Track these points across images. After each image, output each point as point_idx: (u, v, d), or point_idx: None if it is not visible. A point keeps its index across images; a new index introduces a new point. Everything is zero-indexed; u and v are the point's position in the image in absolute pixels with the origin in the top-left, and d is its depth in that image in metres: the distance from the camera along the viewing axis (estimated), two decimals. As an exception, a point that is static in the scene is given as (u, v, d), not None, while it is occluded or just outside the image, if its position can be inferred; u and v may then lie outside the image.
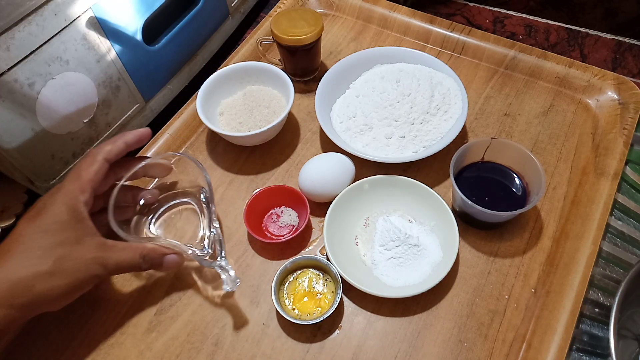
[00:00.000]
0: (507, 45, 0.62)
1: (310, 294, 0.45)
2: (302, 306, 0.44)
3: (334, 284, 0.45)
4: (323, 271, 0.46)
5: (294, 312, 0.44)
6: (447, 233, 0.46)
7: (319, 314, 0.43)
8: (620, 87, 0.56)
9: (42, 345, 0.46)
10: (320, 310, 0.44)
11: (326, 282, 0.45)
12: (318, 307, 0.44)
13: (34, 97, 0.46)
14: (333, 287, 0.45)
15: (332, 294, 0.44)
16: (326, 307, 0.43)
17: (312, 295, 0.45)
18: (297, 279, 0.46)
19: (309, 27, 0.56)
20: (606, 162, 0.51)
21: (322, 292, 0.45)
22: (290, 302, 0.44)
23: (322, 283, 0.45)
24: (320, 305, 0.44)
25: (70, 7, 0.46)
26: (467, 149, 0.48)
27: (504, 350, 0.42)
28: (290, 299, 0.45)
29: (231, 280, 0.43)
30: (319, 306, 0.44)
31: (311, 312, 0.44)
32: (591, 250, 0.46)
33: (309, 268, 0.46)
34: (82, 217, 0.38)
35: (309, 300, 0.44)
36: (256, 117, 0.56)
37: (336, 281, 0.44)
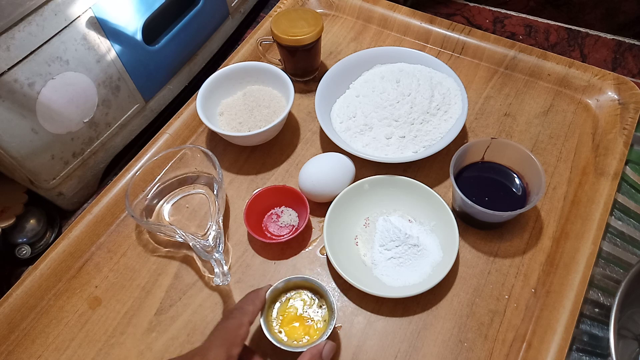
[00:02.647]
0: (507, 45, 0.62)
1: (300, 319, 0.41)
2: (290, 330, 0.41)
3: (328, 313, 0.41)
4: (319, 296, 0.42)
5: (281, 335, 0.41)
6: (447, 233, 0.46)
7: (305, 343, 0.40)
8: (620, 87, 0.56)
9: (42, 345, 0.46)
10: (309, 339, 0.40)
11: (320, 308, 0.42)
12: (307, 336, 0.40)
13: (34, 97, 0.46)
14: (327, 316, 0.41)
15: (324, 323, 0.41)
16: (315, 336, 0.40)
17: (303, 321, 0.41)
18: (290, 300, 0.42)
19: (309, 27, 0.56)
20: (606, 162, 0.51)
21: (313, 320, 0.41)
22: (278, 324, 0.41)
23: (316, 309, 0.42)
24: (309, 333, 0.40)
25: (70, 7, 0.46)
26: (467, 149, 0.48)
27: (504, 350, 0.42)
28: (278, 320, 0.41)
29: (223, 274, 0.44)
30: (308, 334, 0.40)
31: (298, 338, 0.40)
32: (591, 250, 0.46)
33: (305, 290, 0.43)
34: None
35: (299, 325, 0.41)
36: (256, 117, 0.56)
37: (331, 310, 0.41)
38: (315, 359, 0.36)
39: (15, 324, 0.47)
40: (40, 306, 0.48)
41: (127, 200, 0.48)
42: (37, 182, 0.51)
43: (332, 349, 0.38)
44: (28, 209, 0.53)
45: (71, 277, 0.49)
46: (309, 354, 0.36)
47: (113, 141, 0.57)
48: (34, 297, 0.48)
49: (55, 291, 0.49)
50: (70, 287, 0.49)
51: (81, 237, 0.51)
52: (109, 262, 0.50)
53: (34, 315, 0.47)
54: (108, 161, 0.59)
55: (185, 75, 0.65)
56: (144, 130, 0.61)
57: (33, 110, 0.47)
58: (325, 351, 0.37)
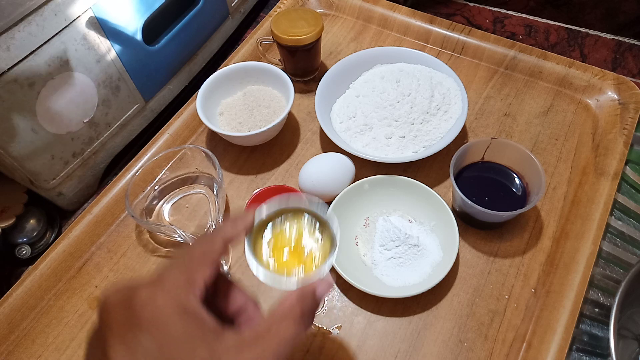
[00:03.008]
0: (507, 45, 0.62)
1: (296, 248, 0.33)
2: (281, 259, 0.32)
3: (328, 243, 0.33)
4: (321, 224, 0.34)
5: (269, 262, 0.32)
6: (447, 233, 0.46)
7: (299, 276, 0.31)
8: (620, 87, 0.56)
9: (42, 345, 0.46)
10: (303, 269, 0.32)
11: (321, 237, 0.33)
12: (301, 265, 0.32)
13: (34, 97, 0.46)
14: (327, 246, 0.33)
15: (322, 254, 0.32)
16: (311, 268, 0.32)
17: (298, 251, 0.33)
18: (286, 222, 0.34)
19: (309, 27, 0.56)
20: (606, 162, 0.51)
21: (311, 250, 0.33)
22: (268, 249, 0.32)
23: (315, 239, 0.33)
24: (305, 263, 0.32)
25: (70, 7, 0.46)
26: (467, 149, 0.48)
27: (504, 350, 0.42)
28: (269, 245, 0.33)
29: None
30: (304, 263, 0.32)
31: (290, 269, 0.32)
32: (591, 250, 0.46)
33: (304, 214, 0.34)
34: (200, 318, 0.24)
35: (292, 254, 0.33)
36: (256, 117, 0.56)
37: (332, 241, 0.32)
38: (306, 299, 0.27)
39: (15, 324, 0.47)
40: (40, 306, 0.48)
41: (127, 200, 0.48)
42: (37, 182, 0.51)
43: (327, 287, 0.29)
44: (28, 209, 0.53)
45: (71, 277, 0.49)
46: (299, 293, 0.27)
47: (113, 141, 0.57)
48: (34, 297, 0.48)
49: (55, 291, 0.49)
50: (70, 287, 0.49)
51: (81, 237, 0.51)
52: (109, 262, 0.50)
53: (34, 315, 0.47)
54: (108, 161, 0.59)
55: (185, 75, 0.65)
56: (144, 130, 0.61)
57: (33, 110, 0.46)
58: (320, 290, 0.28)
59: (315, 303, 0.28)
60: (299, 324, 0.26)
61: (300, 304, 0.27)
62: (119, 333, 0.23)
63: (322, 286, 0.28)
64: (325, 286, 0.29)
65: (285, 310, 0.26)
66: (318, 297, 0.28)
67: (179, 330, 0.23)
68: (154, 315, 0.23)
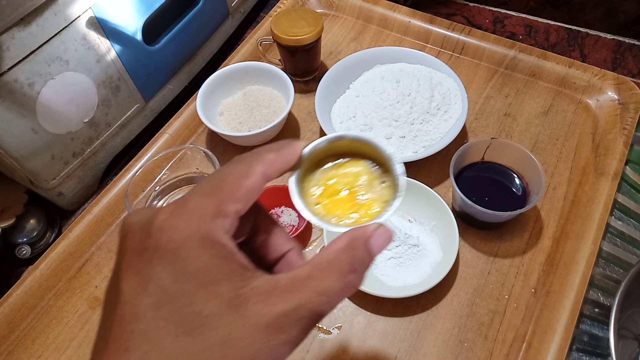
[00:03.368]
0: (507, 45, 0.62)
1: (351, 194, 0.27)
2: (332, 204, 0.27)
3: (390, 191, 0.27)
4: (383, 168, 0.28)
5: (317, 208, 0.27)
6: (447, 233, 0.46)
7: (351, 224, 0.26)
8: (620, 87, 0.56)
9: (42, 345, 0.46)
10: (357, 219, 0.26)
11: (381, 185, 0.27)
12: (355, 214, 0.27)
13: (34, 97, 0.46)
14: (388, 195, 0.27)
15: (382, 204, 0.27)
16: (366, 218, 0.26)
17: (353, 197, 0.27)
18: (342, 167, 0.28)
19: (309, 27, 0.56)
20: (606, 162, 0.51)
21: (369, 198, 0.27)
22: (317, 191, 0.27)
23: (376, 186, 0.27)
24: (359, 212, 0.27)
25: (70, 7, 0.46)
26: (467, 149, 0.48)
27: (504, 350, 0.42)
28: (320, 187, 0.28)
29: None
30: (357, 212, 0.27)
31: (341, 216, 0.27)
32: (591, 250, 0.46)
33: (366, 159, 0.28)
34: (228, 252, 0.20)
35: (344, 200, 0.27)
36: (256, 117, 0.56)
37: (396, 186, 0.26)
38: (357, 248, 0.22)
39: (16, 324, 0.47)
40: (40, 306, 0.48)
41: (127, 200, 0.48)
42: (37, 182, 0.51)
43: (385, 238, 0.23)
44: (28, 209, 0.53)
45: (71, 277, 0.49)
46: (349, 238, 0.22)
47: (113, 141, 0.57)
48: (34, 297, 0.48)
49: (55, 291, 0.49)
50: (70, 287, 0.49)
51: (81, 237, 0.51)
52: (109, 262, 0.50)
53: (34, 315, 0.47)
54: (108, 161, 0.59)
55: (185, 75, 0.65)
56: (144, 130, 0.61)
57: (33, 110, 0.46)
58: (375, 240, 0.22)
59: (368, 255, 0.22)
60: (345, 277, 0.20)
61: (349, 253, 0.21)
62: (133, 261, 0.20)
63: (378, 235, 0.22)
64: (383, 236, 0.23)
65: (331, 258, 0.21)
66: (372, 248, 0.22)
67: (200, 262, 0.19)
68: (172, 243, 0.19)
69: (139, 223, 0.20)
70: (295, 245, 0.25)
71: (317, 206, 0.27)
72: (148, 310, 0.18)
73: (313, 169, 0.27)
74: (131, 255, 0.20)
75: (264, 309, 0.19)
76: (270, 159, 0.23)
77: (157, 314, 0.18)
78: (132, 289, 0.19)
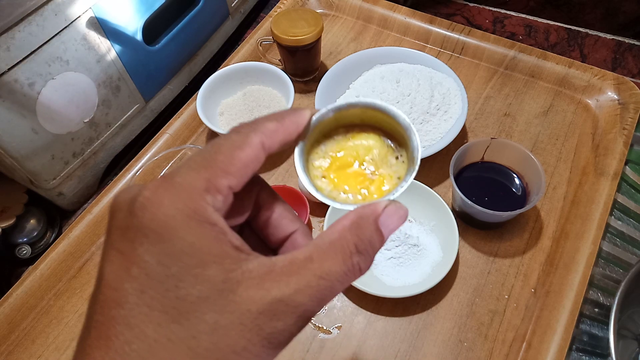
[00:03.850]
0: (507, 45, 0.62)
1: (361, 168, 0.24)
2: (339, 177, 0.24)
3: (405, 166, 0.24)
4: (397, 143, 0.24)
5: (322, 182, 0.24)
6: (447, 233, 0.46)
7: (359, 200, 0.23)
8: (620, 87, 0.56)
9: (42, 345, 0.46)
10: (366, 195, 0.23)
11: (397, 160, 0.24)
12: (364, 190, 0.23)
13: (34, 97, 0.46)
14: (402, 171, 0.24)
15: (396, 181, 0.24)
16: (377, 194, 0.23)
17: (363, 171, 0.24)
18: (354, 139, 0.24)
19: (309, 28, 0.56)
20: (606, 162, 0.51)
21: (381, 174, 0.24)
22: (324, 164, 0.24)
23: (389, 160, 0.24)
24: (369, 189, 0.23)
25: (71, 7, 0.46)
26: (467, 149, 0.48)
27: (504, 350, 0.42)
28: (326, 160, 0.24)
29: None
30: (367, 188, 0.23)
31: (349, 192, 0.23)
32: (591, 250, 0.46)
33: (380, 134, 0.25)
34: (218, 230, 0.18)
35: (354, 175, 0.24)
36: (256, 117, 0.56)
37: (412, 161, 0.23)
38: (365, 228, 0.19)
39: (16, 324, 0.47)
40: (40, 306, 0.48)
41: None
42: (38, 182, 0.51)
43: (398, 217, 0.20)
44: (28, 209, 0.53)
45: (71, 277, 0.49)
46: (355, 216, 0.19)
47: (113, 141, 0.57)
48: (34, 297, 0.48)
49: (56, 291, 0.49)
50: (70, 287, 0.49)
51: (81, 237, 0.51)
52: (109, 262, 0.50)
53: (34, 315, 0.47)
54: (108, 161, 0.59)
55: (185, 75, 0.65)
56: (144, 130, 0.61)
57: (33, 110, 0.46)
58: (386, 218, 0.19)
59: (377, 236, 0.19)
60: (351, 259, 0.18)
61: (355, 232, 0.19)
62: (116, 241, 0.18)
63: (389, 213, 0.19)
64: (396, 215, 0.20)
65: (335, 238, 0.18)
66: (382, 227, 0.19)
67: (186, 242, 0.17)
68: (156, 221, 0.17)
69: (126, 201, 0.18)
70: (301, 226, 0.22)
71: (323, 179, 0.23)
72: (131, 295, 0.16)
73: (321, 141, 0.24)
74: (115, 235, 0.18)
75: (257, 294, 0.17)
76: (270, 128, 0.20)
77: (141, 300, 0.16)
78: (114, 271, 0.17)
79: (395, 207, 0.20)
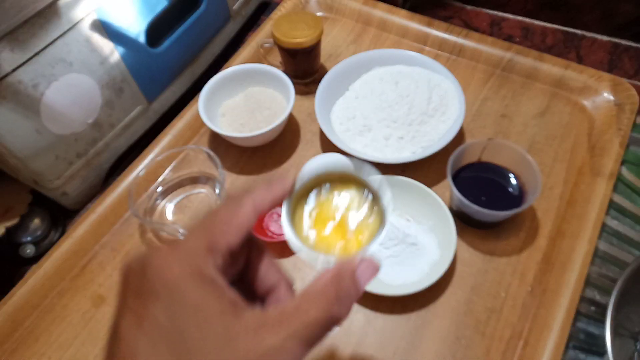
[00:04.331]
0: (504, 47, 0.62)
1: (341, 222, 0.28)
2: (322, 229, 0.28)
3: (379, 218, 0.27)
4: (373, 196, 0.28)
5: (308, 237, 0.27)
6: (445, 232, 0.47)
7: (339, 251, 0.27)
8: (616, 89, 0.57)
9: (46, 343, 0.46)
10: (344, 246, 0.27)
11: (372, 211, 0.28)
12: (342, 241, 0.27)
13: (38, 98, 0.47)
14: (377, 224, 0.27)
15: (371, 232, 0.27)
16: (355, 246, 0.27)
17: (343, 225, 0.28)
18: (332, 191, 0.29)
19: (309, 30, 0.57)
20: (602, 163, 0.52)
21: (359, 225, 0.28)
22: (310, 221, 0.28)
23: (364, 213, 0.28)
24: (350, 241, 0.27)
25: (74, 9, 0.47)
26: (465, 150, 0.49)
27: (501, 347, 0.43)
28: (311, 216, 0.28)
29: None
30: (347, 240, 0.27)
31: (331, 244, 0.27)
32: (587, 249, 0.46)
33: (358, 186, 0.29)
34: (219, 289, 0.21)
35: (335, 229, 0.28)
36: (257, 118, 0.57)
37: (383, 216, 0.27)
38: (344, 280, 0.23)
39: (19, 322, 0.47)
40: (43, 304, 0.48)
41: (130, 200, 0.49)
42: (41, 182, 0.52)
43: (371, 270, 0.24)
44: (32, 208, 0.54)
45: (75, 276, 0.50)
46: (336, 271, 0.23)
47: (117, 142, 0.58)
48: (37, 296, 0.48)
49: (59, 289, 0.49)
50: (73, 286, 0.49)
51: (85, 236, 0.51)
52: (113, 261, 0.51)
53: (37, 313, 0.48)
54: (112, 161, 0.59)
55: (187, 77, 0.65)
56: (147, 131, 0.62)
57: (37, 111, 0.47)
58: (362, 272, 0.23)
59: (354, 286, 0.23)
60: (332, 306, 0.21)
61: (335, 283, 0.22)
62: (130, 302, 0.21)
63: (364, 268, 0.23)
64: (369, 269, 0.24)
65: (318, 289, 0.22)
66: (358, 279, 0.23)
67: (192, 301, 0.20)
68: (166, 283, 0.20)
69: (137, 266, 0.21)
70: (284, 277, 0.26)
71: (309, 233, 0.27)
72: (145, 347, 0.19)
73: (306, 196, 0.28)
74: (129, 297, 0.21)
75: (254, 343, 0.19)
76: (260, 193, 0.24)
77: (153, 351, 0.19)
78: (129, 328, 0.20)
79: (369, 262, 0.24)
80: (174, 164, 0.54)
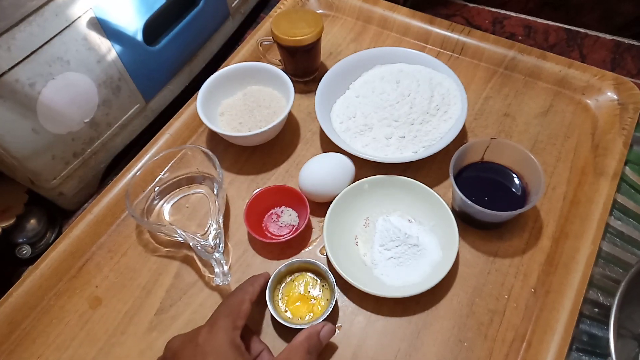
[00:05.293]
0: (507, 45, 0.62)
1: (304, 298, 0.45)
2: (294, 309, 0.44)
3: (329, 292, 0.44)
4: (321, 277, 0.46)
5: (286, 314, 0.44)
6: (447, 233, 0.46)
7: (310, 319, 0.43)
8: (620, 88, 0.56)
9: (43, 345, 0.46)
10: (312, 316, 0.44)
11: (323, 288, 0.45)
12: (310, 313, 0.44)
13: (35, 97, 0.46)
14: (329, 295, 0.44)
15: (326, 302, 0.44)
16: (318, 313, 0.43)
17: (306, 300, 0.45)
18: (294, 281, 0.46)
19: (309, 28, 0.57)
20: (605, 162, 0.51)
21: (316, 298, 0.45)
22: (284, 304, 0.45)
23: (319, 289, 0.45)
24: (313, 311, 0.44)
25: (71, 7, 0.46)
26: (467, 149, 0.48)
27: (504, 349, 0.42)
28: (284, 300, 0.45)
29: (223, 274, 0.45)
30: (312, 311, 0.44)
31: (302, 316, 0.44)
32: (590, 250, 0.46)
33: (308, 272, 0.46)
34: (243, 351, 0.36)
35: (302, 304, 0.44)
36: (256, 117, 0.56)
37: (332, 290, 0.44)
38: (312, 338, 0.38)
39: (16, 324, 0.47)
40: (41, 306, 0.48)
41: (127, 200, 0.49)
42: (38, 182, 0.51)
43: (330, 331, 0.40)
44: (29, 208, 0.53)
45: (72, 277, 0.49)
46: (307, 333, 0.38)
47: (114, 141, 0.58)
48: (34, 297, 0.48)
49: (56, 291, 0.49)
50: (70, 287, 0.49)
51: (82, 237, 0.51)
52: (110, 262, 0.50)
53: (34, 314, 0.47)
54: (109, 161, 0.59)
55: (185, 75, 0.65)
56: (144, 130, 0.62)
57: (34, 110, 0.47)
58: (324, 333, 0.39)
59: (319, 343, 0.38)
60: (307, 356, 0.37)
61: (307, 341, 0.38)
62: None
63: (325, 331, 0.39)
64: (328, 331, 0.39)
65: (297, 344, 0.37)
66: (322, 338, 0.39)
67: (231, 358, 0.34)
68: (214, 347, 0.34)
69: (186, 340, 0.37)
70: (265, 347, 0.40)
71: (287, 311, 0.44)
72: None
73: (280, 283, 0.46)
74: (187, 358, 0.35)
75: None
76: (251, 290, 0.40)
77: None
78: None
79: (328, 327, 0.40)
80: (172, 164, 0.54)
